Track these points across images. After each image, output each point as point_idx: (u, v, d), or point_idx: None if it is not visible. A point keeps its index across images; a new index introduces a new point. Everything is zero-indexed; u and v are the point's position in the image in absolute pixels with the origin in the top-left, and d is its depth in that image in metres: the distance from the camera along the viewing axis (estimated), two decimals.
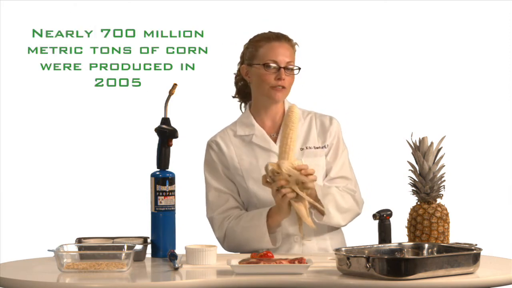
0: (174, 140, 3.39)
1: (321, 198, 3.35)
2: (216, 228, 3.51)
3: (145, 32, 5.12)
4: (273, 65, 3.46)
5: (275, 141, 3.54)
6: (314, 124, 3.57)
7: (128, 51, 5.11)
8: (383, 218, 3.30)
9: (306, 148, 3.52)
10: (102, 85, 5.09)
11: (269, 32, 3.53)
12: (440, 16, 5.13)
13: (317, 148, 3.53)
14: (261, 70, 3.47)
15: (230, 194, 3.52)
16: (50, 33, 5.09)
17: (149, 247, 3.32)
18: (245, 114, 3.60)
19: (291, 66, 3.47)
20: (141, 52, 5.11)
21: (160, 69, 5.03)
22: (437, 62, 5.13)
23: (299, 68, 3.49)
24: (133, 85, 5.09)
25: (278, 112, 3.57)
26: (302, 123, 3.56)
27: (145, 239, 3.35)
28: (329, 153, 3.55)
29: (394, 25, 5.12)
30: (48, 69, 5.08)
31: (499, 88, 5.13)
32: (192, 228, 3.91)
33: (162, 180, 3.34)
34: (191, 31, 5.10)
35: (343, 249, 2.99)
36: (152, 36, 5.12)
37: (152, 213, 3.35)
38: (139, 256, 3.25)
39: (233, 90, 3.68)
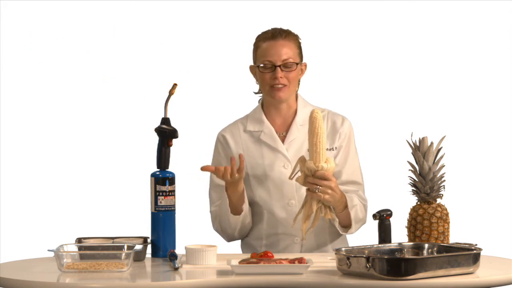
0: (174, 140, 3.39)
1: (349, 209, 3.37)
2: (212, 220, 3.54)
3: (146, 32, 5.12)
4: (268, 64, 3.45)
5: (283, 140, 3.53)
6: (325, 124, 3.52)
7: (130, 51, 5.12)
8: (383, 218, 3.30)
9: None
10: (103, 85, 5.09)
11: (269, 30, 3.51)
12: (440, 16, 5.13)
13: None
14: (260, 71, 3.48)
15: None
16: (49, 33, 5.09)
17: (149, 247, 3.32)
18: (257, 109, 3.59)
19: (289, 62, 3.45)
20: (142, 53, 5.11)
21: (160, 69, 5.03)
22: (437, 62, 5.13)
23: (297, 63, 3.46)
24: (133, 85, 5.09)
25: (290, 111, 3.55)
26: None
27: (145, 239, 3.35)
28: (338, 155, 3.52)
29: (393, 26, 5.12)
30: (48, 69, 5.09)
31: (499, 88, 5.13)
32: (192, 228, 3.92)
33: (162, 180, 3.34)
34: (192, 31, 5.10)
35: (343, 249, 2.99)
36: (153, 36, 5.12)
37: (152, 213, 3.35)
38: (139, 256, 3.25)
39: (232, 89, 3.69)
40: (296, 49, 3.49)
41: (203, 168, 3.33)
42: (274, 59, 3.44)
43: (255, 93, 3.61)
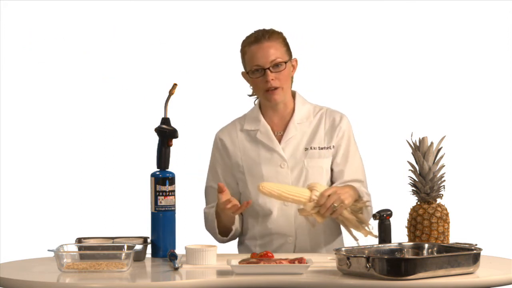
0: (174, 140, 3.39)
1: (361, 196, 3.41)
2: (204, 221, 3.56)
3: (146, 32, 5.12)
4: (257, 69, 3.43)
5: (279, 139, 3.53)
6: (323, 122, 3.53)
7: (130, 51, 5.12)
8: (383, 218, 3.30)
9: (311, 148, 3.50)
10: (103, 85, 5.09)
11: (252, 33, 3.49)
12: (440, 16, 5.13)
13: (322, 148, 3.50)
14: (251, 77, 3.47)
15: None
16: (49, 33, 5.09)
17: (149, 247, 3.32)
18: (254, 108, 3.58)
19: (277, 63, 3.42)
20: (142, 52, 5.11)
21: (160, 69, 5.03)
22: (437, 62, 5.13)
23: (286, 62, 3.45)
24: (133, 85, 5.09)
25: (287, 109, 3.54)
26: (311, 120, 3.53)
27: (145, 239, 3.35)
28: (338, 154, 3.52)
29: (393, 25, 5.12)
30: (48, 69, 5.09)
31: (499, 88, 5.13)
32: (192, 228, 3.92)
33: (162, 180, 3.34)
34: (192, 31, 5.10)
35: (343, 249, 2.99)
36: (153, 36, 5.12)
37: (152, 213, 3.35)
38: (139, 256, 3.25)
39: (232, 89, 3.68)
40: (283, 47, 3.47)
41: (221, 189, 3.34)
42: (262, 62, 3.42)
43: (249, 95, 3.60)
